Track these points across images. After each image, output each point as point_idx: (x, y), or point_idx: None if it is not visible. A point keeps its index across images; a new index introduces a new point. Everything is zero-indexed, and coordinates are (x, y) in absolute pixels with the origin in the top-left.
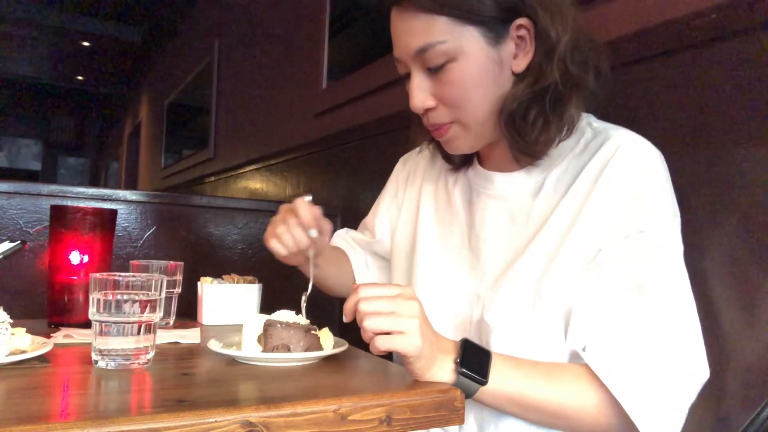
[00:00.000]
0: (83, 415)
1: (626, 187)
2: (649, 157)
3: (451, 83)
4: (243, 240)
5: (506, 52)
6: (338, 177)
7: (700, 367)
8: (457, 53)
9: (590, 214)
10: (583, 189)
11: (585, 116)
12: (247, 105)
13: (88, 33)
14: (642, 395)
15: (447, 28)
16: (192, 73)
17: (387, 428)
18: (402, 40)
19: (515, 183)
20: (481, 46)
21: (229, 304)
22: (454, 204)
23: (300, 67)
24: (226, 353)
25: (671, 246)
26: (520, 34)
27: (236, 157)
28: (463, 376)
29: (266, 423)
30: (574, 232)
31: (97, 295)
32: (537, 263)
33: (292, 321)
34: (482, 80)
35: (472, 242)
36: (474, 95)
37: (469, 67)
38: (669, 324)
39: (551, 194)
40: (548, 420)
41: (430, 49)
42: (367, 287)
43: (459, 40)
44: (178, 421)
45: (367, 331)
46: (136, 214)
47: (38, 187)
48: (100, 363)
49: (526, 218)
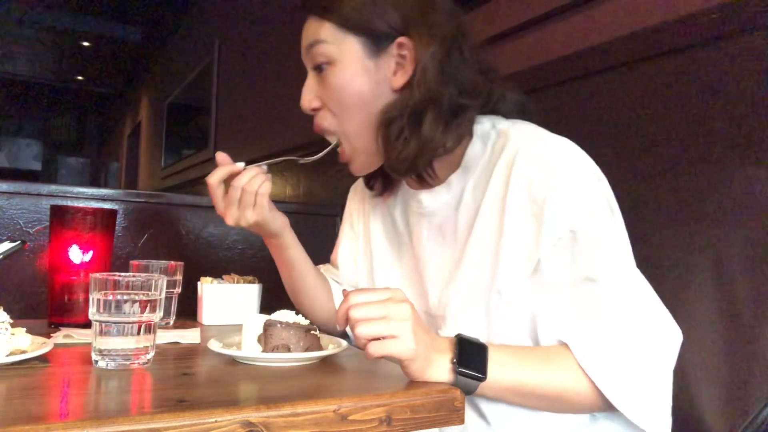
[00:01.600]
0: (83, 415)
1: (537, 188)
2: (553, 151)
3: (330, 87)
4: (243, 240)
5: (385, 67)
6: (338, 177)
7: (671, 331)
8: (336, 57)
9: (512, 224)
10: (496, 195)
11: (490, 119)
12: (247, 105)
13: (88, 33)
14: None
15: (331, 32)
16: (192, 73)
17: (387, 428)
18: (302, 40)
19: (438, 198)
20: (359, 55)
21: (229, 304)
22: (398, 226)
23: (300, 66)
24: (226, 353)
25: (602, 230)
26: (401, 53)
27: (236, 157)
28: (462, 376)
29: (266, 423)
30: (504, 244)
31: (97, 295)
32: (476, 276)
33: (292, 321)
34: (357, 87)
35: (416, 262)
36: (349, 102)
37: (345, 72)
38: (630, 303)
39: (470, 203)
40: (549, 405)
41: (315, 45)
42: (356, 293)
43: (339, 45)
44: (178, 421)
45: (359, 338)
46: (136, 214)
47: (38, 187)
48: (100, 363)
49: (453, 231)
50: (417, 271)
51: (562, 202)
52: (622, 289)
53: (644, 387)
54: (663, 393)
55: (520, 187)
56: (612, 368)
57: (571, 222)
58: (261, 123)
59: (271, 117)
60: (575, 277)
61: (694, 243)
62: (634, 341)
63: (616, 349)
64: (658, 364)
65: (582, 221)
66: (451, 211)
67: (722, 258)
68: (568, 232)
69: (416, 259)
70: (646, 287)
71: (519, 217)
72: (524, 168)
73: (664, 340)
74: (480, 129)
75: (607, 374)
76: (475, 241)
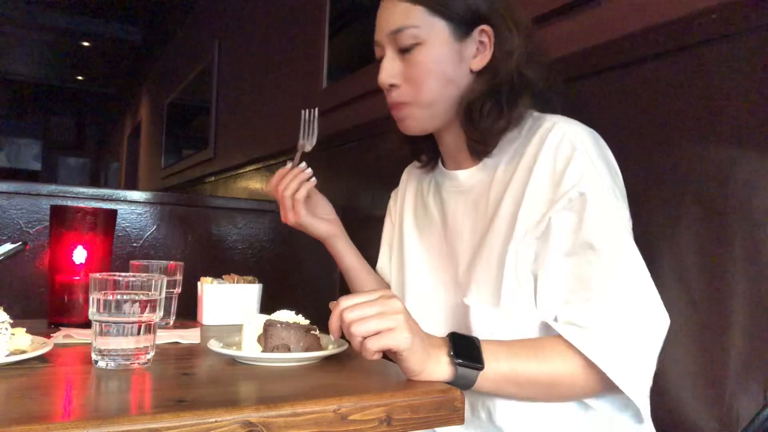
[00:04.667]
0: (83, 415)
1: (560, 157)
2: (579, 131)
3: (416, 64)
4: (243, 240)
5: (467, 50)
6: (338, 177)
7: (660, 315)
8: (425, 39)
9: (533, 189)
10: (526, 167)
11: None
12: (247, 105)
13: (88, 33)
14: (615, 354)
15: (421, 16)
16: (192, 73)
17: (387, 428)
18: (382, 23)
19: (474, 175)
20: (446, 38)
21: (229, 304)
22: (430, 210)
23: (300, 67)
24: (226, 353)
25: (610, 202)
26: (481, 39)
27: (236, 157)
28: (461, 366)
29: (266, 423)
30: (523, 208)
31: (97, 295)
32: (497, 242)
33: (292, 321)
34: (442, 66)
35: (448, 237)
36: (433, 77)
37: (433, 52)
38: (625, 278)
39: (501, 180)
40: (545, 392)
41: (404, 30)
42: (346, 298)
43: (429, 28)
44: (178, 421)
45: (355, 336)
46: (136, 214)
47: (38, 187)
48: (100, 363)
49: (485, 206)
50: (450, 244)
51: (578, 169)
52: (620, 262)
53: (636, 363)
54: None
55: (546, 156)
56: (605, 343)
57: (582, 186)
58: (261, 123)
59: (271, 117)
60: (577, 243)
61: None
62: (626, 317)
63: (609, 325)
64: (645, 340)
65: (593, 188)
66: (485, 187)
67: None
68: (578, 194)
69: (451, 233)
70: (642, 266)
71: (541, 180)
72: (553, 143)
73: (653, 321)
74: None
75: (601, 349)
76: (501, 212)
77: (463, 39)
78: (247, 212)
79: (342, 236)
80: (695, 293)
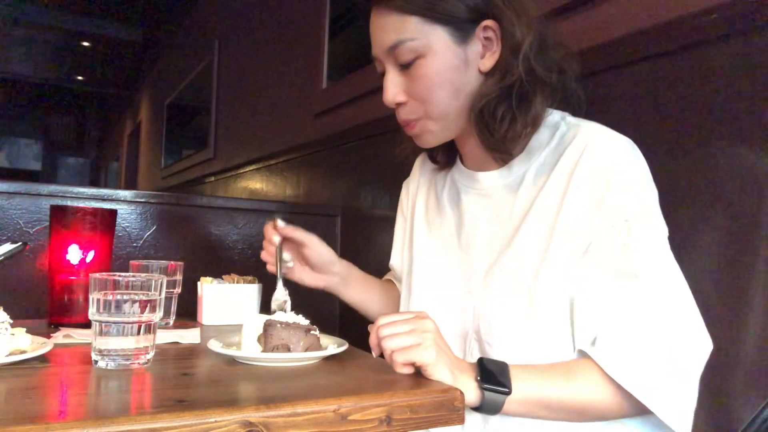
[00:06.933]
0: (83, 415)
1: (602, 179)
2: (620, 147)
3: (419, 78)
4: (243, 240)
5: (473, 52)
6: (338, 177)
7: (702, 340)
8: (426, 50)
9: (572, 207)
10: (560, 180)
11: (560, 113)
12: (247, 105)
13: (88, 33)
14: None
15: (417, 26)
16: (192, 73)
17: (387, 428)
18: (377, 38)
19: (498, 179)
20: (448, 44)
21: (229, 304)
22: (443, 206)
23: (300, 67)
24: (226, 353)
25: (655, 229)
26: (486, 35)
27: (236, 157)
28: (488, 391)
29: (266, 423)
30: (560, 226)
31: (97, 295)
32: (526, 257)
33: (292, 321)
34: (448, 76)
35: (462, 240)
36: (441, 90)
37: (436, 63)
38: (667, 305)
39: (531, 187)
40: (576, 417)
41: (401, 45)
42: (383, 317)
43: (427, 38)
44: (178, 421)
45: (386, 350)
46: (136, 214)
47: (38, 187)
48: (100, 363)
49: (510, 212)
50: (464, 248)
51: (623, 194)
52: (662, 291)
53: (672, 388)
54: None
55: (586, 175)
56: (640, 369)
57: (628, 212)
58: (261, 123)
59: (270, 117)
60: (619, 270)
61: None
62: (665, 347)
63: (646, 351)
64: (685, 368)
65: (638, 215)
66: (511, 193)
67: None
68: (623, 221)
69: (467, 234)
70: (686, 290)
71: (580, 201)
72: (593, 158)
73: (694, 347)
74: (550, 119)
75: (634, 376)
76: (530, 224)
77: (467, 41)
78: (247, 212)
79: (341, 282)
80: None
